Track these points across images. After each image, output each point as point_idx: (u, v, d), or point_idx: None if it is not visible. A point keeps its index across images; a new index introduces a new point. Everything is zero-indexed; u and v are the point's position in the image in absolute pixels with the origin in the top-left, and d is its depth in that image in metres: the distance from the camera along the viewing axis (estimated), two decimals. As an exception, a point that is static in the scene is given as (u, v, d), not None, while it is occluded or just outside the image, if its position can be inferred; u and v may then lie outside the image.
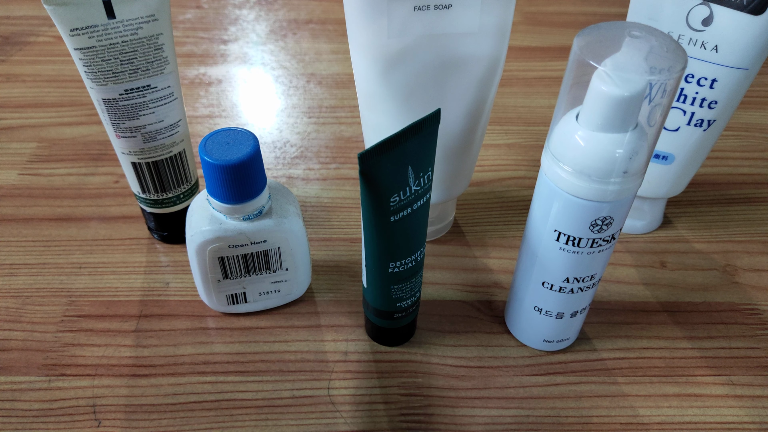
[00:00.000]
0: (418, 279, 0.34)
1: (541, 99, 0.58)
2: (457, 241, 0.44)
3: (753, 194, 0.48)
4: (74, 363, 0.35)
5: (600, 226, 0.29)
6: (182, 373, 0.35)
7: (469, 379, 0.35)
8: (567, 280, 0.32)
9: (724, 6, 0.34)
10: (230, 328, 0.38)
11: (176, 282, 0.40)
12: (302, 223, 0.36)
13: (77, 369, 0.35)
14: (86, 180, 0.48)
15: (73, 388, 0.34)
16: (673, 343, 0.37)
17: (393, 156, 0.27)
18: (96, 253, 0.42)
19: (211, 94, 0.58)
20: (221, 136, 0.32)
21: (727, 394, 0.35)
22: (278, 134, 0.53)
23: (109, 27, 0.33)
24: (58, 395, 0.34)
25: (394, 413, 0.34)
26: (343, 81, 0.60)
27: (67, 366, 0.35)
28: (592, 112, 0.27)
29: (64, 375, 0.35)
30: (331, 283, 0.41)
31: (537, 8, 0.72)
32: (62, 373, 0.35)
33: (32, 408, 0.33)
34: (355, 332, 0.38)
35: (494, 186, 0.49)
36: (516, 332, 0.37)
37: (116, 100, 0.35)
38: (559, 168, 0.28)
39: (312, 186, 0.48)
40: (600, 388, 0.35)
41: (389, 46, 0.33)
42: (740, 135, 0.54)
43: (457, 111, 0.35)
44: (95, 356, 0.36)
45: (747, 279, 0.41)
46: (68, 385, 0.34)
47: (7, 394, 0.34)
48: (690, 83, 0.37)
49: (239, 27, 0.68)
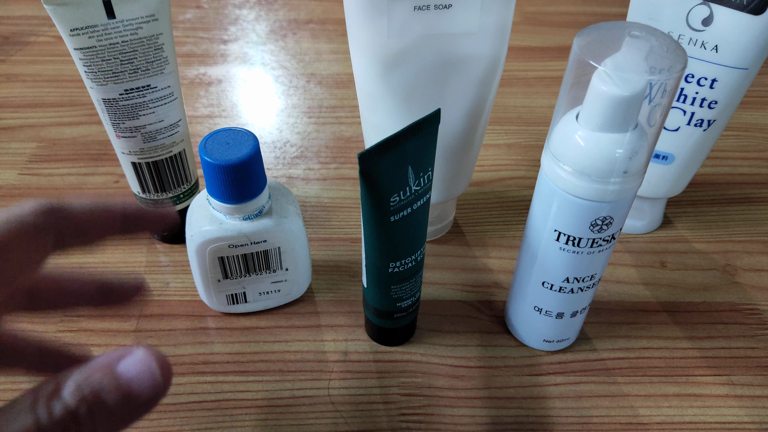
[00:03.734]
0: (418, 279, 0.34)
1: (541, 99, 0.58)
2: (457, 241, 0.44)
3: (753, 194, 0.48)
4: (74, 363, 0.35)
5: (600, 226, 0.29)
6: (182, 373, 0.35)
7: (469, 379, 0.35)
8: (567, 280, 0.32)
9: (724, 6, 0.34)
10: (230, 328, 0.38)
11: (176, 282, 0.40)
12: (302, 223, 0.36)
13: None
14: (86, 180, 0.48)
15: (73, 388, 0.34)
16: (673, 343, 0.37)
17: (393, 156, 0.27)
18: (96, 253, 0.42)
19: (211, 94, 0.58)
20: (221, 136, 0.32)
21: (727, 394, 0.35)
22: (278, 134, 0.53)
23: (109, 27, 0.33)
24: (58, 395, 0.34)
25: (394, 413, 0.34)
26: (343, 81, 0.60)
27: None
28: (592, 112, 0.27)
29: (64, 375, 0.35)
30: (331, 283, 0.41)
31: (537, 8, 0.72)
32: (62, 373, 0.35)
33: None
34: (355, 332, 0.38)
35: (494, 186, 0.49)
36: (516, 332, 0.37)
37: (116, 100, 0.35)
38: (559, 168, 0.28)
39: (312, 186, 0.48)
40: (600, 388, 0.35)
41: (389, 46, 0.33)
42: (740, 135, 0.54)
43: (457, 111, 0.35)
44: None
45: (747, 279, 0.41)
46: (68, 385, 0.34)
47: (7, 394, 0.34)
48: (690, 83, 0.37)
49: (239, 27, 0.68)
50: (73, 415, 0.17)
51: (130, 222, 0.23)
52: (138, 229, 0.23)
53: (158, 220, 0.24)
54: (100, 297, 0.25)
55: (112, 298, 0.25)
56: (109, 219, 0.22)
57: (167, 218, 0.24)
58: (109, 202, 0.22)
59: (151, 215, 0.23)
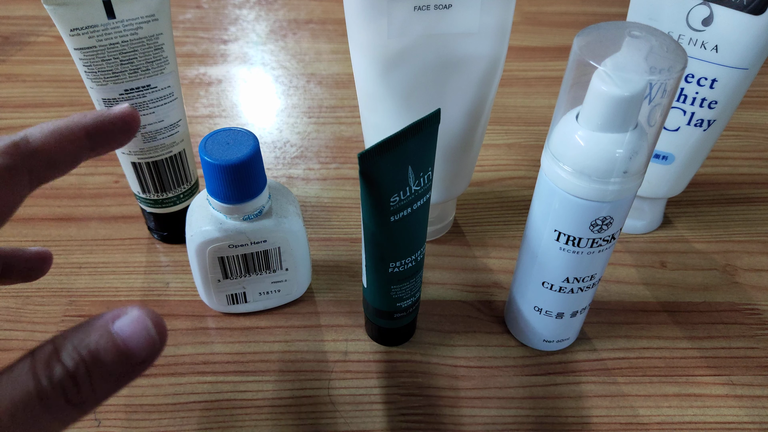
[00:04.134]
0: (418, 279, 0.34)
1: (541, 99, 0.58)
2: (457, 241, 0.44)
3: (753, 194, 0.48)
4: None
5: (600, 226, 0.29)
6: (182, 373, 0.35)
7: (469, 379, 0.35)
8: (567, 280, 0.32)
9: (724, 6, 0.34)
10: (230, 328, 0.38)
11: (176, 282, 0.40)
12: (302, 223, 0.36)
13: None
14: (86, 180, 0.48)
15: (73, 388, 0.34)
16: (673, 343, 0.37)
17: (393, 156, 0.27)
18: (96, 253, 0.42)
19: (211, 94, 0.58)
20: (221, 136, 0.32)
21: (727, 394, 0.35)
22: (278, 134, 0.53)
23: (109, 27, 0.33)
24: (58, 395, 0.34)
25: (394, 413, 0.34)
26: (343, 81, 0.60)
27: (67, 366, 0.35)
28: (592, 112, 0.27)
29: (64, 375, 0.35)
30: (331, 283, 0.41)
31: (537, 8, 0.72)
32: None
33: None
34: (355, 332, 0.38)
35: (494, 186, 0.49)
36: (516, 332, 0.37)
37: (116, 100, 0.35)
38: (559, 168, 0.28)
39: (312, 186, 0.48)
40: (600, 388, 0.35)
41: (389, 46, 0.32)
42: (740, 135, 0.54)
43: (457, 111, 0.35)
44: (95, 356, 0.36)
45: (747, 279, 0.41)
46: (68, 385, 0.34)
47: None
48: (690, 83, 0.37)
49: (239, 27, 0.68)
50: (72, 376, 0.17)
51: (96, 137, 0.22)
52: (107, 142, 0.22)
53: (123, 126, 0.22)
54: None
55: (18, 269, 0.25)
56: (76, 140, 0.21)
57: (129, 119, 0.22)
58: (70, 122, 0.21)
59: (114, 120, 0.22)
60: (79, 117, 0.21)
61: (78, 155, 0.21)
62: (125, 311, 0.18)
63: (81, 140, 0.21)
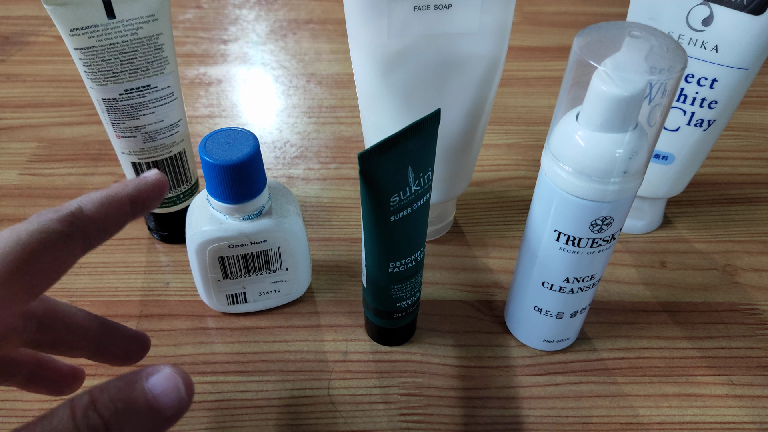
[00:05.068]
0: (418, 279, 0.34)
1: (541, 99, 0.58)
2: (457, 241, 0.44)
3: (753, 194, 0.48)
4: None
5: (600, 226, 0.29)
6: (182, 373, 0.35)
7: (469, 379, 0.35)
8: (567, 280, 0.32)
9: (724, 6, 0.34)
10: (230, 328, 0.38)
11: (176, 282, 0.40)
12: (302, 223, 0.36)
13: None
14: (86, 180, 0.48)
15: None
16: (673, 343, 0.37)
17: (393, 156, 0.27)
18: (96, 253, 0.42)
19: (211, 94, 0.58)
20: (221, 136, 0.32)
21: (727, 394, 0.35)
22: (278, 134, 0.53)
23: (109, 27, 0.33)
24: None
25: (393, 413, 0.34)
26: (343, 81, 0.60)
27: (67, 366, 0.35)
28: (592, 112, 0.27)
29: (64, 375, 0.35)
30: (331, 283, 0.41)
31: (537, 8, 0.72)
32: (62, 373, 0.35)
33: (33, 408, 0.33)
34: (355, 332, 0.38)
35: (494, 186, 0.49)
36: (516, 332, 0.37)
37: (116, 100, 0.35)
38: (559, 168, 0.28)
39: (312, 186, 0.48)
40: (600, 388, 0.35)
41: (389, 46, 0.33)
42: (740, 135, 0.54)
43: (457, 111, 0.35)
44: (95, 356, 0.36)
45: (747, 279, 0.41)
46: (68, 385, 0.34)
47: (7, 393, 0.34)
48: (690, 83, 0.37)
49: (239, 27, 0.68)
50: (107, 426, 0.18)
51: (136, 203, 0.24)
52: (145, 207, 0.24)
53: (158, 193, 0.25)
54: (100, 340, 0.27)
55: (111, 350, 0.27)
56: (121, 208, 0.23)
57: (162, 185, 0.25)
58: (114, 192, 0.23)
59: (152, 187, 0.24)
60: (120, 187, 0.23)
61: (122, 221, 0.23)
62: (158, 369, 0.20)
63: (125, 207, 0.23)
